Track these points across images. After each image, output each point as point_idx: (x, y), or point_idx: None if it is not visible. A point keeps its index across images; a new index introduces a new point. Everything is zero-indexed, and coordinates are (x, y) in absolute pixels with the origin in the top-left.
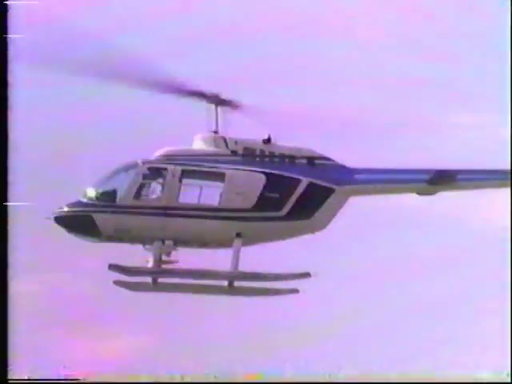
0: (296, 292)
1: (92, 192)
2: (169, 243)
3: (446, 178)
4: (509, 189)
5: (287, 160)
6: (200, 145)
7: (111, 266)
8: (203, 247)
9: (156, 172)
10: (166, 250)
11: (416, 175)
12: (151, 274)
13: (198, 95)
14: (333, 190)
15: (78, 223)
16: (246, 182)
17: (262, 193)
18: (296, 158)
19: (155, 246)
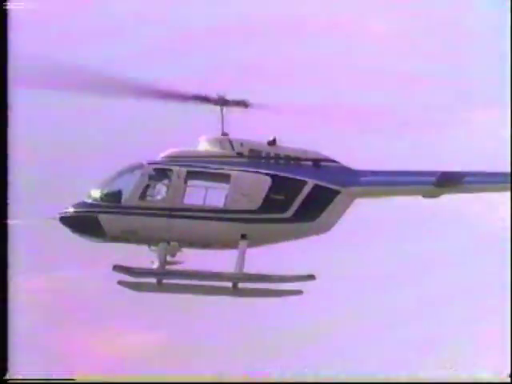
0: (300, 293)
1: (97, 193)
2: (174, 244)
3: (453, 181)
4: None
5: (293, 162)
6: (205, 146)
7: (116, 267)
8: (208, 248)
9: (161, 173)
10: (171, 251)
11: (422, 177)
12: (156, 275)
13: (201, 99)
14: (338, 192)
15: (82, 224)
16: (251, 184)
17: (267, 194)
18: (301, 159)
19: (160, 247)
